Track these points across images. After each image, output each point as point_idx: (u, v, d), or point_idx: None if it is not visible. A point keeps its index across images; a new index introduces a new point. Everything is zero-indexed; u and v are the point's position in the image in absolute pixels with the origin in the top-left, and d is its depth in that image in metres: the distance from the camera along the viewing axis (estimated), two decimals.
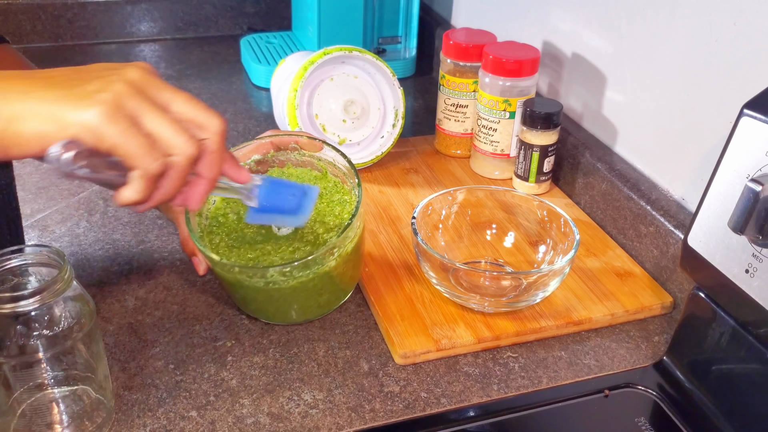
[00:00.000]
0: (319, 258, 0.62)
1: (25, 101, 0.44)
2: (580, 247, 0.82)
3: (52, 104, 0.44)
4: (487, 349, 0.69)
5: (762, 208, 0.53)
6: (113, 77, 0.46)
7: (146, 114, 0.46)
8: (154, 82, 0.48)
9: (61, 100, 0.44)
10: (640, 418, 0.63)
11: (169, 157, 0.47)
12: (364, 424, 0.61)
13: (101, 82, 0.46)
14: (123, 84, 0.46)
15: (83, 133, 0.44)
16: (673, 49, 0.78)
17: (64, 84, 0.45)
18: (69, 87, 0.45)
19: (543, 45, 1.01)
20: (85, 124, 0.44)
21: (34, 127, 0.44)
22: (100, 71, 0.47)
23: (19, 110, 0.44)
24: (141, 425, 0.60)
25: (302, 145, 0.71)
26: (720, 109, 0.72)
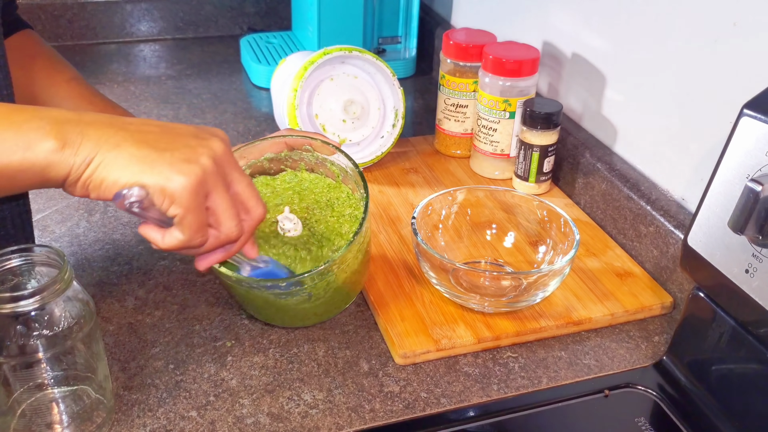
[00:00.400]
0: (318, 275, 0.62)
1: (117, 154, 0.47)
2: (580, 247, 0.82)
3: (140, 163, 0.47)
4: (487, 349, 0.69)
5: (762, 208, 0.53)
6: (200, 149, 0.50)
7: (215, 192, 0.50)
8: (229, 160, 0.52)
9: (149, 162, 0.47)
10: (640, 418, 0.63)
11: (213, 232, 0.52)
12: (364, 424, 0.61)
13: (190, 151, 0.49)
14: (208, 159, 0.49)
15: (158, 194, 0.48)
16: (673, 49, 0.78)
17: (154, 143, 0.48)
18: (159, 147, 0.48)
19: (543, 45, 1.01)
20: (164, 190, 0.48)
21: (117, 177, 0.47)
22: (188, 138, 0.50)
23: (109, 161, 0.47)
24: (141, 425, 0.60)
25: (315, 147, 0.71)
26: (720, 109, 0.72)
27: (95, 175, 0.48)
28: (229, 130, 1.12)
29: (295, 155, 0.73)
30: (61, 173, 0.47)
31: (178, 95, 1.23)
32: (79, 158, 0.47)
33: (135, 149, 0.48)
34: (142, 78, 1.30)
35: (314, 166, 0.73)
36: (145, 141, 0.48)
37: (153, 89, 1.25)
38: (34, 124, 0.46)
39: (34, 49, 0.77)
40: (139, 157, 0.48)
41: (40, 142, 0.46)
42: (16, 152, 0.45)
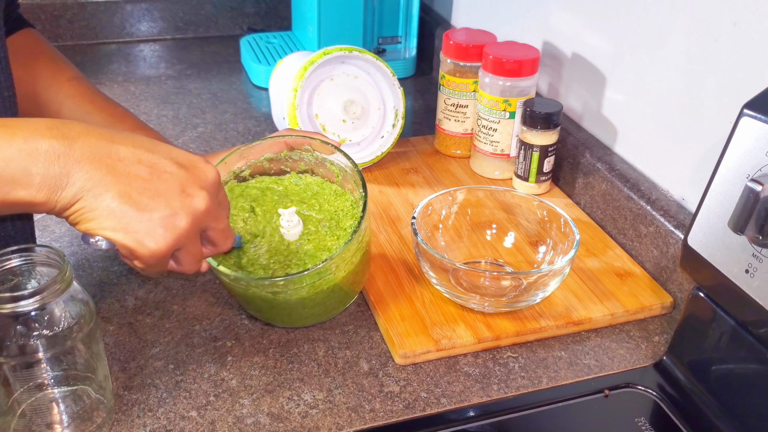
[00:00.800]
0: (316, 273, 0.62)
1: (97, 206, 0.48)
2: (580, 247, 0.82)
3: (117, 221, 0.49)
4: (487, 349, 0.69)
5: (762, 208, 0.53)
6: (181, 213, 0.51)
7: (184, 249, 0.53)
8: (211, 214, 0.53)
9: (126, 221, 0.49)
10: (640, 418, 0.63)
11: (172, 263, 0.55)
12: (364, 424, 0.61)
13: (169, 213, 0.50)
14: (186, 223, 0.51)
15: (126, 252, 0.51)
16: (673, 49, 0.78)
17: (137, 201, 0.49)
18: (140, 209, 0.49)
19: (543, 45, 1.01)
20: (134, 252, 0.50)
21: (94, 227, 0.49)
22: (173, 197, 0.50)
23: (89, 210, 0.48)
24: (141, 425, 0.60)
25: (315, 147, 0.71)
26: (720, 109, 0.72)
27: (75, 217, 0.49)
28: (229, 130, 1.12)
29: (294, 155, 0.73)
30: (43, 210, 0.49)
31: (178, 95, 1.23)
32: (62, 202, 0.48)
33: (116, 204, 0.49)
34: (142, 78, 1.30)
35: (314, 166, 0.73)
36: (128, 195, 0.49)
37: (153, 89, 1.25)
38: (22, 163, 0.46)
39: (36, 48, 0.77)
40: (118, 214, 0.49)
41: (24, 184, 0.47)
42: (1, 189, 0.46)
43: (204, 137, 1.09)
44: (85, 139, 0.49)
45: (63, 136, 0.48)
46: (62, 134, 0.48)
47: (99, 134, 0.50)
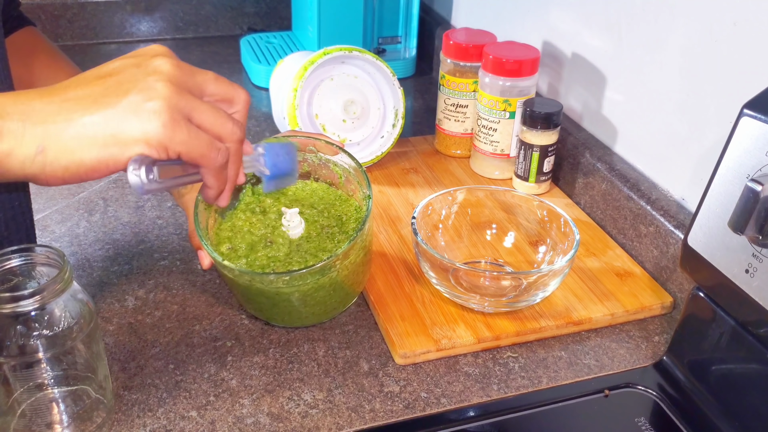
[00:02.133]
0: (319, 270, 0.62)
1: (75, 129, 0.42)
2: (580, 247, 0.82)
3: (105, 126, 0.43)
4: (487, 349, 0.69)
5: (762, 208, 0.53)
6: (150, 79, 0.45)
7: (194, 109, 0.46)
8: (184, 70, 0.47)
9: (113, 119, 0.43)
10: (640, 418, 0.63)
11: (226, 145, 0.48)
12: (364, 424, 0.61)
13: (142, 87, 0.44)
14: (164, 85, 0.45)
15: (149, 148, 0.44)
16: (673, 49, 0.78)
17: (102, 99, 0.44)
18: (111, 102, 0.44)
19: (543, 45, 1.01)
20: (149, 140, 0.44)
21: (95, 154, 0.43)
22: (127, 71, 0.45)
23: (71, 141, 0.42)
24: (141, 425, 0.60)
25: (319, 147, 0.71)
26: (720, 109, 0.72)
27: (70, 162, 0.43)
28: None
29: (299, 156, 0.73)
30: (14, 168, 0.43)
31: None
32: (29, 149, 0.42)
33: (88, 115, 0.43)
34: None
35: (317, 168, 0.73)
36: (92, 101, 0.44)
37: None
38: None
39: (36, 45, 0.77)
40: (99, 122, 0.43)
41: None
42: None
43: None
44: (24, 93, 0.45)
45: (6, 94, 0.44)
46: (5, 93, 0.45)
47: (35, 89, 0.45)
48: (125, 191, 0.94)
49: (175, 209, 0.90)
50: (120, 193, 0.94)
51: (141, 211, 0.90)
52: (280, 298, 0.65)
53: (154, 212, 0.89)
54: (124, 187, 0.95)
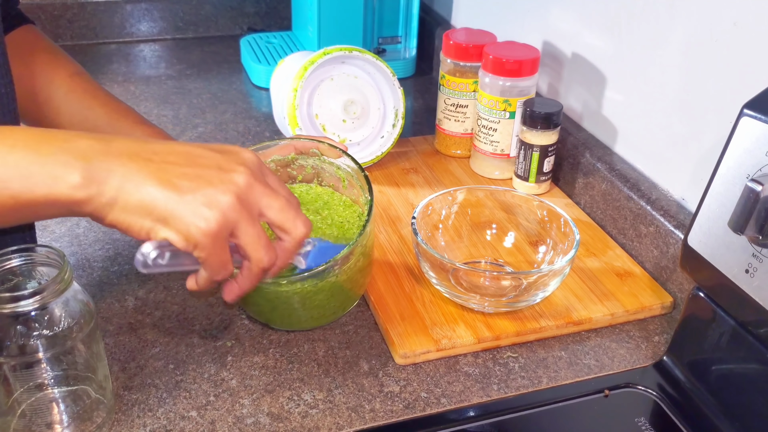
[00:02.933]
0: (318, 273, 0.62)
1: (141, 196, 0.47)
2: (580, 247, 0.82)
3: (162, 208, 0.47)
4: (487, 349, 0.69)
5: (762, 208, 0.53)
6: (223, 188, 0.48)
7: (239, 229, 0.50)
8: (256, 190, 0.50)
9: (172, 205, 0.47)
10: (640, 418, 0.63)
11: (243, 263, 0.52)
12: (364, 424, 0.61)
13: (211, 195, 0.48)
14: (231, 198, 0.48)
15: (181, 241, 0.48)
16: (673, 49, 0.78)
17: (176, 181, 0.47)
18: (181, 189, 0.47)
19: (543, 45, 1.01)
20: (189, 237, 0.48)
21: (143, 225, 0.48)
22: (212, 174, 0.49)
23: (134, 204, 0.47)
24: (141, 425, 0.60)
25: (323, 151, 0.71)
26: (720, 109, 0.72)
27: (120, 217, 0.48)
28: (229, 130, 1.12)
29: (302, 159, 0.73)
30: (85, 210, 0.47)
31: (178, 95, 1.23)
32: (104, 198, 0.47)
33: (158, 192, 0.47)
34: (142, 78, 1.30)
35: (320, 171, 0.74)
36: (168, 181, 0.48)
37: (153, 89, 1.25)
38: (62, 158, 0.46)
39: (36, 44, 0.77)
40: (161, 201, 0.47)
41: (65, 178, 0.45)
42: (41, 187, 0.45)
43: (204, 137, 1.09)
44: (120, 140, 0.49)
45: (100, 138, 0.48)
46: (99, 136, 0.48)
47: (133, 138, 0.50)
48: None
49: None
50: None
51: None
52: (279, 301, 0.65)
53: None
54: None
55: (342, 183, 0.73)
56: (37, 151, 0.45)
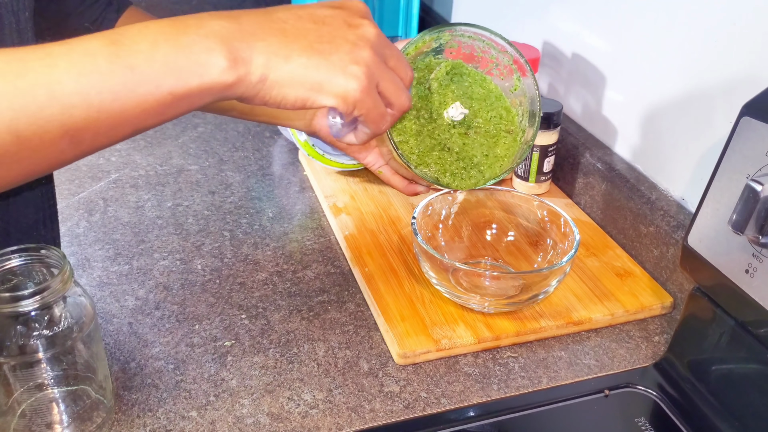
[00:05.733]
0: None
1: (291, 67, 0.47)
2: (580, 247, 0.82)
3: (315, 75, 0.48)
4: (487, 349, 0.69)
5: (762, 208, 0.53)
6: (361, 44, 0.50)
7: (383, 78, 0.51)
8: (382, 39, 0.52)
9: (322, 69, 0.48)
10: (640, 418, 0.63)
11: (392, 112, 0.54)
12: (364, 424, 0.61)
13: (350, 49, 0.49)
14: (368, 53, 0.50)
15: (341, 103, 0.50)
16: (672, 49, 0.78)
17: (317, 46, 0.49)
18: (324, 52, 0.48)
19: (543, 45, 1.01)
20: (346, 97, 0.49)
21: (299, 94, 0.48)
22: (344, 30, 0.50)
23: (285, 76, 0.47)
24: (141, 425, 0.60)
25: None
26: (720, 109, 0.72)
27: (273, 92, 0.48)
28: (229, 130, 1.12)
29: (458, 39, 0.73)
30: (237, 92, 0.47)
31: None
32: (254, 77, 0.47)
33: (305, 59, 0.48)
34: None
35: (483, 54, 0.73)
36: (310, 47, 0.48)
37: None
38: (202, 44, 0.45)
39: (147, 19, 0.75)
40: (311, 68, 0.48)
41: (213, 64, 0.45)
42: (192, 77, 0.45)
43: (204, 137, 1.10)
44: (246, 15, 0.49)
45: (228, 16, 0.47)
46: (226, 14, 0.47)
47: (254, 10, 0.50)
48: (125, 191, 0.94)
49: (175, 209, 0.90)
50: (120, 193, 0.94)
51: (141, 211, 0.90)
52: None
53: (154, 212, 0.89)
54: (124, 187, 0.95)
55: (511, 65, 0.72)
56: (177, 42, 0.45)
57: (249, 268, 0.80)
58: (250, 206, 0.92)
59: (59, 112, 0.41)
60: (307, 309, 0.74)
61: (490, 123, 0.72)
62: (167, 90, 0.44)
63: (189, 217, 0.89)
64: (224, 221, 0.88)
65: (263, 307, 0.74)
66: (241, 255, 0.82)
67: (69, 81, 0.41)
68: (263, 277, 0.78)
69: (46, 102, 0.41)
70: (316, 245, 0.84)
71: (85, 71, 0.42)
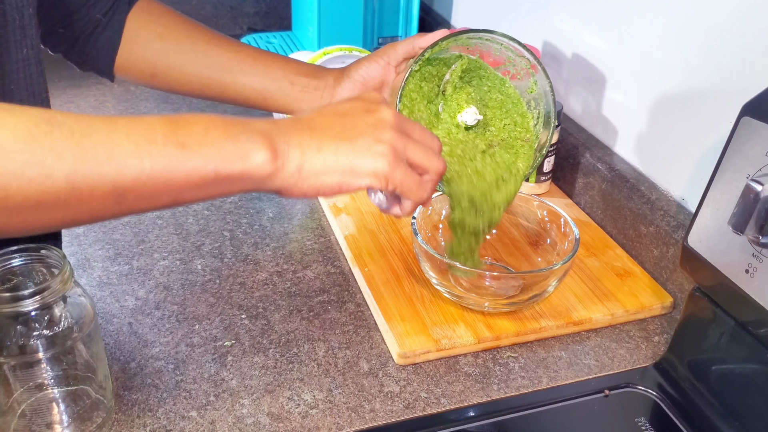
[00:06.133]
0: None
1: (323, 156, 0.52)
2: (580, 247, 0.82)
3: (345, 160, 0.53)
4: (487, 349, 0.69)
5: (762, 208, 0.53)
6: (379, 127, 0.54)
7: (407, 150, 0.55)
8: (400, 118, 0.57)
9: (351, 155, 0.53)
10: (640, 418, 0.63)
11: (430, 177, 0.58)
12: (364, 424, 0.61)
13: (372, 132, 0.54)
14: (390, 132, 0.54)
15: (375, 180, 0.54)
16: (672, 49, 0.78)
17: (342, 135, 0.53)
18: (349, 138, 0.53)
19: (543, 45, 1.01)
20: (378, 174, 0.53)
21: (334, 180, 0.53)
22: (364, 118, 0.55)
23: (319, 165, 0.52)
24: (141, 425, 0.60)
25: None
26: (720, 109, 0.72)
27: (309, 182, 0.52)
28: None
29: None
30: (275, 183, 0.51)
31: (177, 95, 1.23)
32: (291, 167, 0.51)
33: (334, 147, 0.53)
34: None
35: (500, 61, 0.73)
36: (337, 136, 0.53)
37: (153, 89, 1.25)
38: (247, 136, 0.50)
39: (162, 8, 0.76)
40: (341, 155, 0.53)
41: (255, 153, 0.49)
42: (237, 162, 0.49)
43: None
44: (283, 121, 0.54)
45: (267, 121, 0.52)
46: (267, 120, 0.53)
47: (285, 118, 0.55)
48: None
49: (175, 209, 0.90)
50: None
51: None
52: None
53: (154, 212, 0.89)
54: None
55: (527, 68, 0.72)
56: (227, 131, 0.49)
57: (249, 268, 0.80)
58: (250, 206, 0.92)
59: (114, 171, 0.45)
60: (307, 309, 0.74)
61: (505, 130, 0.72)
62: (213, 169, 0.48)
63: (189, 217, 0.89)
64: (224, 221, 0.88)
65: (263, 307, 0.74)
66: (241, 255, 0.82)
67: (128, 145, 0.45)
68: (263, 277, 0.78)
69: (105, 160, 0.44)
70: (316, 245, 0.84)
71: (143, 140, 0.46)
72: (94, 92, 1.24)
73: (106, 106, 1.19)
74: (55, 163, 0.43)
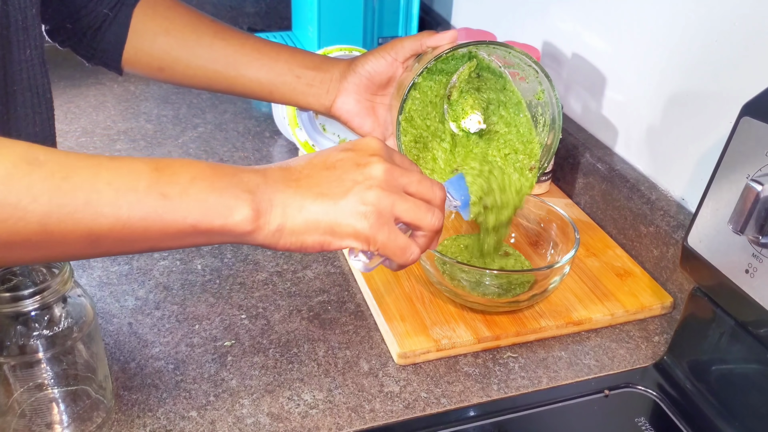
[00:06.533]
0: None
1: (305, 216, 0.51)
2: (580, 247, 0.82)
3: (326, 221, 0.51)
4: (487, 349, 0.69)
5: (762, 208, 0.53)
6: (366, 185, 0.53)
7: (396, 208, 0.53)
8: (393, 173, 0.54)
9: (333, 216, 0.52)
10: (640, 418, 0.63)
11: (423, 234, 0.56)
12: (364, 424, 0.61)
13: (358, 190, 0.52)
14: (376, 192, 0.53)
15: (355, 242, 0.52)
16: (672, 49, 0.78)
17: (327, 192, 0.52)
18: (333, 196, 0.52)
19: (543, 45, 1.01)
20: (358, 236, 0.52)
21: (315, 239, 0.52)
22: (348, 168, 0.53)
23: (300, 225, 0.51)
24: (141, 425, 0.60)
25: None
26: (720, 109, 0.72)
27: (291, 239, 0.51)
28: (229, 130, 1.12)
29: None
30: (257, 240, 0.51)
31: (178, 95, 1.23)
32: (272, 226, 0.50)
33: (315, 207, 0.51)
34: (142, 78, 1.30)
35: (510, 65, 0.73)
36: (320, 194, 0.52)
37: (153, 89, 1.25)
38: (233, 192, 0.49)
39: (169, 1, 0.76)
40: (322, 214, 0.51)
41: (238, 210, 0.49)
42: (217, 218, 0.48)
43: (204, 137, 1.10)
44: (273, 168, 0.53)
45: (258, 170, 0.52)
46: (258, 169, 0.52)
47: (277, 166, 0.54)
48: None
49: None
50: None
51: None
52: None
53: None
54: None
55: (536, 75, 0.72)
56: (212, 184, 0.48)
57: (249, 268, 0.80)
58: None
59: (90, 218, 0.44)
60: (307, 309, 0.74)
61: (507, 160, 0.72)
62: (191, 223, 0.47)
63: None
64: None
65: (263, 307, 0.74)
66: (241, 255, 0.82)
67: (108, 192, 0.45)
68: (263, 277, 0.78)
69: (82, 207, 0.44)
70: None
71: (124, 187, 0.45)
72: (94, 92, 1.24)
73: (106, 106, 1.19)
74: (30, 205, 0.42)
